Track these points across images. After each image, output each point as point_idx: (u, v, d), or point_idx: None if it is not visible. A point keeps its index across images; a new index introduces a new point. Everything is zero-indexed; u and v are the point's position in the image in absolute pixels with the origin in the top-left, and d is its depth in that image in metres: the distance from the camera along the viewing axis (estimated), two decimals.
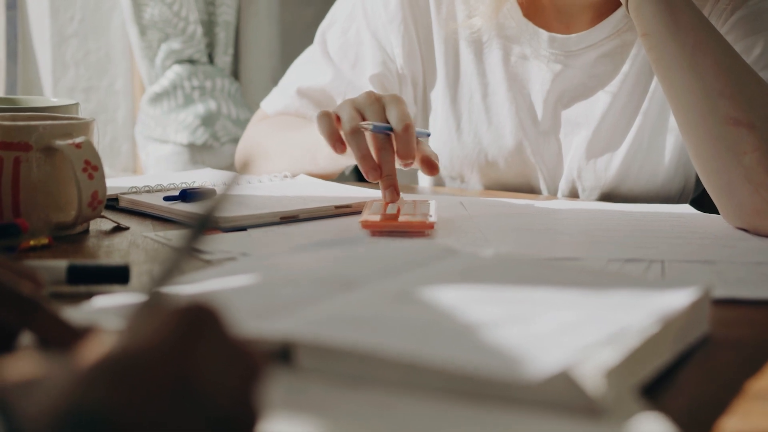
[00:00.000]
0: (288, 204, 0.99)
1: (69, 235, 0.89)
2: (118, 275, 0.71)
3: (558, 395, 0.47)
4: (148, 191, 1.04)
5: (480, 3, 1.19)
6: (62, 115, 0.96)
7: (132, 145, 2.24)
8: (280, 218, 0.95)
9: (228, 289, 0.63)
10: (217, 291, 0.62)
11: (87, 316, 0.57)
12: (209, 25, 2.19)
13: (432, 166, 1.00)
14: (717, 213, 1.00)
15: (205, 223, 0.42)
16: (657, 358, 0.55)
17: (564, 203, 1.11)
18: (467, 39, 1.23)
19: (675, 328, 0.57)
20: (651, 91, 1.17)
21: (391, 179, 0.98)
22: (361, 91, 1.03)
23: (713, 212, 1.02)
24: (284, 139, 1.23)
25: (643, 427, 0.46)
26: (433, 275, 0.65)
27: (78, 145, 0.86)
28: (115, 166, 2.21)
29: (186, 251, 0.41)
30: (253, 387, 0.40)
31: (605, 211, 1.04)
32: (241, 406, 0.39)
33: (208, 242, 0.85)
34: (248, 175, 1.15)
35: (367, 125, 0.97)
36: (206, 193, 1.01)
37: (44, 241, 0.85)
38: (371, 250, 0.73)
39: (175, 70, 2.11)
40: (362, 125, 0.98)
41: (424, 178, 1.30)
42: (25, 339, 0.54)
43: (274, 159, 1.22)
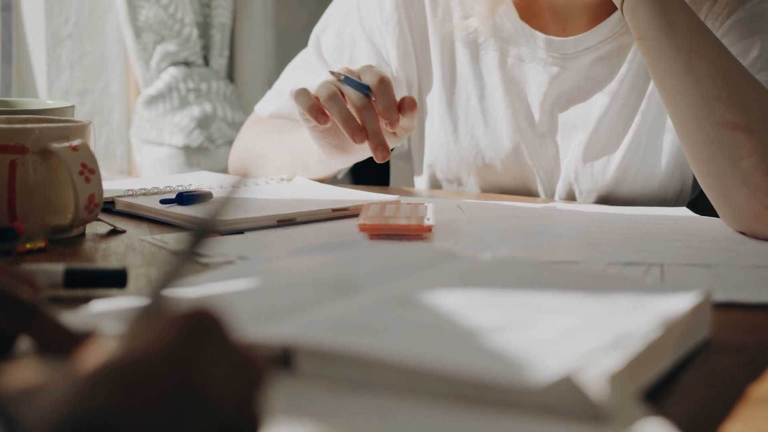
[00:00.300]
0: (285, 207, 0.98)
1: (65, 239, 0.89)
2: (116, 279, 0.71)
3: (561, 400, 0.47)
4: (145, 194, 1.04)
5: (476, 3, 1.19)
6: (58, 118, 0.96)
7: (127, 148, 2.23)
8: (277, 221, 0.95)
9: (228, 293, 0.62)
10: (216, 295, 0.62)
11: (86, 321, 0.57)
12: (205, 28, 2.19)
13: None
14: (713, 215, 1.00)
15: (209, 228, 0.42)
16: (659, 363, 0.55)
17: (562, 206, 1.10)
18: (463, 41, 1.22)
19: (676, 332, 0.57)
20: (648, 92, 1.17)
21: (378, 137, 0.97)
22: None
23: (709, 214, 1.02)
24: (276, 143, 1.23)
25: None
26: (433, 279, 0.64)
27: (74, 148, 0.86)
28: (111, 169, 2.21)
29: (188, 255, 0.41)
30: (255, 392, 0.39)
31: (603, 214, 1.04)
32: (243, 412, 0.39)
33: (206, 245, 0.84)
34: (247, 178, 1.15)
35: (339, 74, 0.97)
36: (203, 196, 1.00)
37: (40, 244, 0.84)
38: (370, 253, 0.73)
39: (171, 73, 2.11)
40: (335, 72, 0.97)
41: (421, 181, 1.29)
42: (24, 344, 0.54)
43: (268, 163, 1.22)
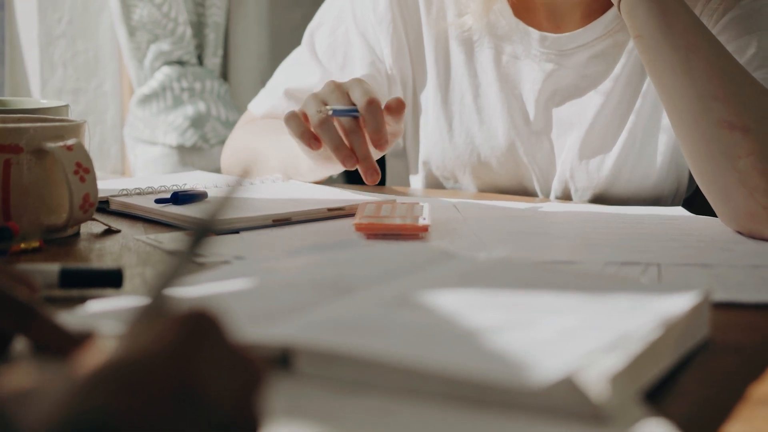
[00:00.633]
0: (280, 206, 0.98)
1: (60, 238, 0.88)
2: (112, 279, 0.70)
3: (562, 401, 0.47)
4: (139, 194, 1.03)
5: (471, 1, 1.19)
6: (53, 117, 0.96)
7: (121, 147, 2.23)
8: (273, 221, 0.95)
9: (225, 294, 0.62)
10: (214, 295, 0.61)
11: (82, 321, 0.56)
12: (198, 27, 2.18)
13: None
14: (708, 214, 1.00)
15: (209, 228, 0.41)
16: (659, 363, 0.55)
17: (558, 206, 1.10)
18: (458, 38, 1.22)
19: (676, 332, 0.57)
20: (643, 90, 1.17)
21: (368, 162, 0.97)
22: None
23: (704, 213, 1.02)
24: (269, 145, 1.22)
25: None
26: (431, 279, 0.64)
27: (69, 148, 0.86)
28: (104, 168, 2.20)
29: (188, 256, 0.41)
30: (255, 393, 0.39)
31: (600, 214, 1.04)
32: (243, 413, 0.38)
33: (204, 245, 0.84)
34: (247, 178, 1.14)
35: (327, 110, 0.97)
36: (198, 196, 1.00)
37: (35, 244, 0.84)
38: (368, 253, 0.73)
39: (164, 72, 2.10)
40: (322, 110, 0.97)
41: (417, 180, 1.29)
42: (20, 345, 0.53)
43: (260, 164, 1.21)
